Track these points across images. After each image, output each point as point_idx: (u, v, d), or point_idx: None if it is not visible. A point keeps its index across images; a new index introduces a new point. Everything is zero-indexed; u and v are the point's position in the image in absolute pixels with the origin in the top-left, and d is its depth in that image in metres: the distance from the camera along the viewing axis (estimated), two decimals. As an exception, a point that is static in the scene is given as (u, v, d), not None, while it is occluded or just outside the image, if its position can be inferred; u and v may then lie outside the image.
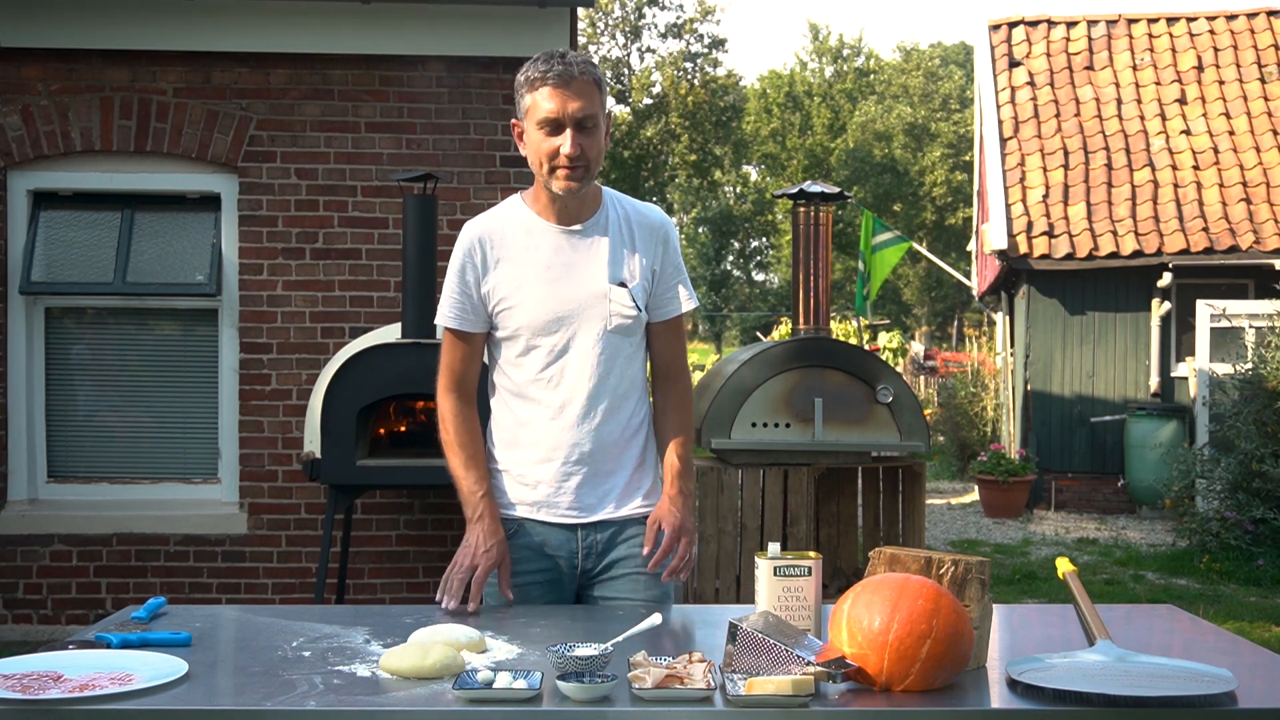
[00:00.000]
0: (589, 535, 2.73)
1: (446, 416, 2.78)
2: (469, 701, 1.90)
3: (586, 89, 2.61)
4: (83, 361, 6.37)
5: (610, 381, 2.70)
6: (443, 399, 2.79)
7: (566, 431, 2.70)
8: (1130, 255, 12.06)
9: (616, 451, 2.73)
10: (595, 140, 2.65)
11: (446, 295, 2.75)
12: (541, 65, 2.62)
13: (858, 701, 1.94)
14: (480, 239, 2.73)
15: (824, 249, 6.76)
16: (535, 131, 2.66)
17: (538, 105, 2.63)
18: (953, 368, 20.79)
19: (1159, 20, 14.41)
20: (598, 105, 2.64)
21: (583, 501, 2.72)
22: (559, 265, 2.69)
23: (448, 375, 2.79)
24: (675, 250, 2.80)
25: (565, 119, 2.61)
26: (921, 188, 38.48)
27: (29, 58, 6.11)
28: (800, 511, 6.33)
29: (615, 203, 2.78)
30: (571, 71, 2.59)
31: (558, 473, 2.71)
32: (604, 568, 2.74)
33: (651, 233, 2.76)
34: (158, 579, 6.13)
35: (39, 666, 2.04)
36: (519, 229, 2.73)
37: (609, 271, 2.70)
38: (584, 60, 2.64)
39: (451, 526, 6.19)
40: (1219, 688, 1.94)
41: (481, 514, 2.72)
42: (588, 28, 35.01)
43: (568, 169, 2.63)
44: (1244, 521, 8.70)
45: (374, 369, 5.21)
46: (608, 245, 2.72)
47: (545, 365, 2.70)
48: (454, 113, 6.22)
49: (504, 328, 2.72)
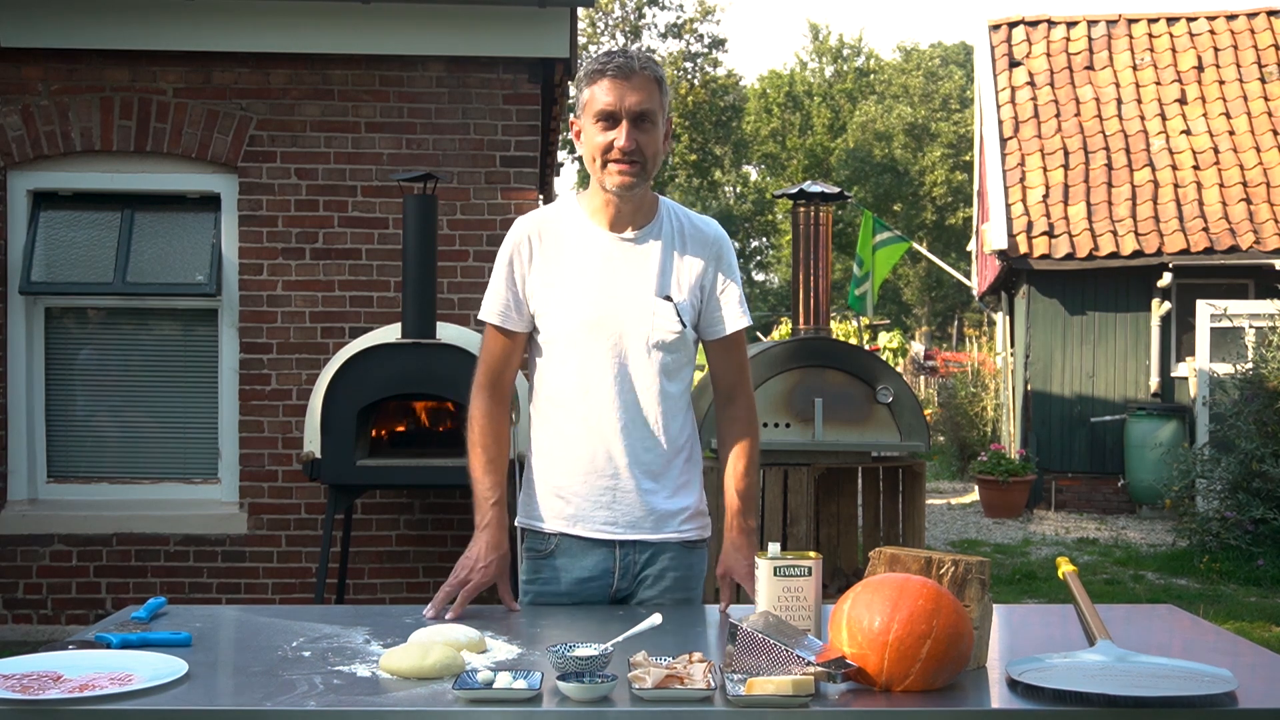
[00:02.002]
0: (627, 554, 2.66)
1: (475, 415, 2.68)
2: (469, 701, 1.89)
3: (646, 84, 2.54)
4: (83, 361, 6.37)
5: (650, 397, 2.62)
6: (475, 396, 2.69)
7: (602, 446, 2.61)
8: (1130, 255, 12.06)
9: (656, 470, 2.65)
10: (653, 138, 2.56)
11: (492, 290, 2.66)
12: (602, 58, 2.55)
13: (858, 702, 1.94)
14: (529, 235, 2.64)
15: (824, 249, 6.76)
16: (591, 125, 2.56)
17: (595, 98, 2.54)
18: (953, 368, 20.79)
19: (1159, 20, 14.41)
20: (657, 103, 2.55)
21: (618, 518, 2.64)
22: (605, 273, 2.61)
23: (484, 371, 2.69)
24: (730, 266, 2.70)
25: (622, 112, 2.52)
26: (921, 188, 38.47)
27: (29, 58, 6.11)
28: (800, 511, 6.33)
29: (671, 213, 2.69)
30: (632, 65, 2.53)
31: (593, 487, 2.63)
32: (636, 588, 2.67)
33: (705, 247, 2.67)
34: (158, 579, 6.13)
35: (39, 666, 2.03)
36: (570, 230, 2.64)
37: (657, 284, 2.61)
38: (646, 56, 2.58)
39: (451, 526, 6.19)
40: (1219, 688, 1.94)
41: (489, 523, 2.61)
42: (588, 28, 35.01)
43: (623, 164, 2.54)
44: (1244, 521, 8.70)
45: (374, 369, 5.21)
46: (659, 257, 2.62)
47: (583, 375, 2.61)
48: (454, 113, 6.22)
49: (544, 331, 2.63)
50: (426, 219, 5.42)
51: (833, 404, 6.36)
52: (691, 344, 2.68)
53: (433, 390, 5.33)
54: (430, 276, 5.40)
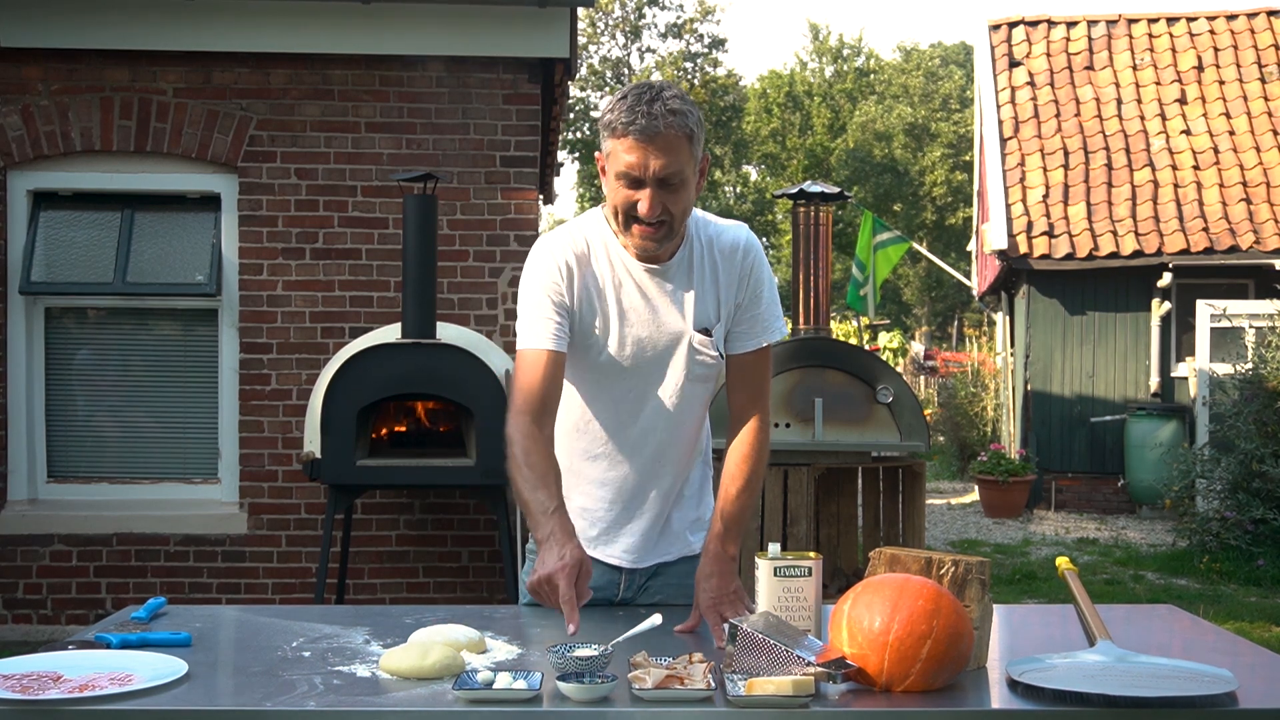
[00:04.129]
0: (633, 575, 2.64)
1: (516, 438, 2.38)
2: (469, 702, 1.89)
3: (673, 144, 2.32)
4: (82, 361, 6.37)
5: (685, 429, 2.56)
6: (516, 420, 2.40)
7: (633, 476, 2.56)
8: (1130, 255, 12.06)
9: (673, 503, 2.62)
10: (681, 197, 2.37)
11: (534, 315, 2.43)
12: (625, 114, 2.31)
13: (858, 702, 1.94)
14: (566, 260, 2.46)
15: (824, 249, 6.76)
16: (614, 180, 2.37)
17: (617, 155, 2.35)
18: (953, 368, 20.78)
19: (1159, 20, 14.41)
20: (685, 160, 2.34)
21: (637, 548, 2.61)
22: (641, 308, 2.48)
23: (528, 399, 2.41)
24: (758, 279, 2.53)
25: (647, 178, 2.33)
26: (921, 188, 38.46)
27: (29, 58, 6.11)
28: (800, 511, 6.33)
29: (699, 231, 2.52)
30: (656, 126, 2.29)
31: (619, 516, 2.58)
32: (639, 595, 2.66)
33: (732, 263, 2.51)
34: (158, 579, 6.13)
35: (39, 667, 2.03)
36: (603, 257, 2.48)
37: (694, 317, 2.49)
38: (673, 110, 2.32)
39: (451, 526, 6.20)
40: (1219, 688, 1.94)
41: (552, 530, 2.27)
42: (588, 28, 35.01)
43: (646, 228, 2.38)
44: (1244, 521, 8.69)
45: (374, 369, 5.21)
46: (693, 286, 2.48)
47: (618, 407, 2.53)
48: (454, 113, 6.22)
49: (578, 361, 2.50)
50: (426, 219, 5.42)
51: (833, 404, 6.36)
52: (722, 365, 2.60)
53: (433, 390, 5.33)
54: (430, 276, 5.40)
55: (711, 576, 2.43)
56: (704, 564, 2.46)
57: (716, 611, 2.38)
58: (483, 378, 5.13)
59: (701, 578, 2.45)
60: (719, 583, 2.42)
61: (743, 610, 2.36)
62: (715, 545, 2.47)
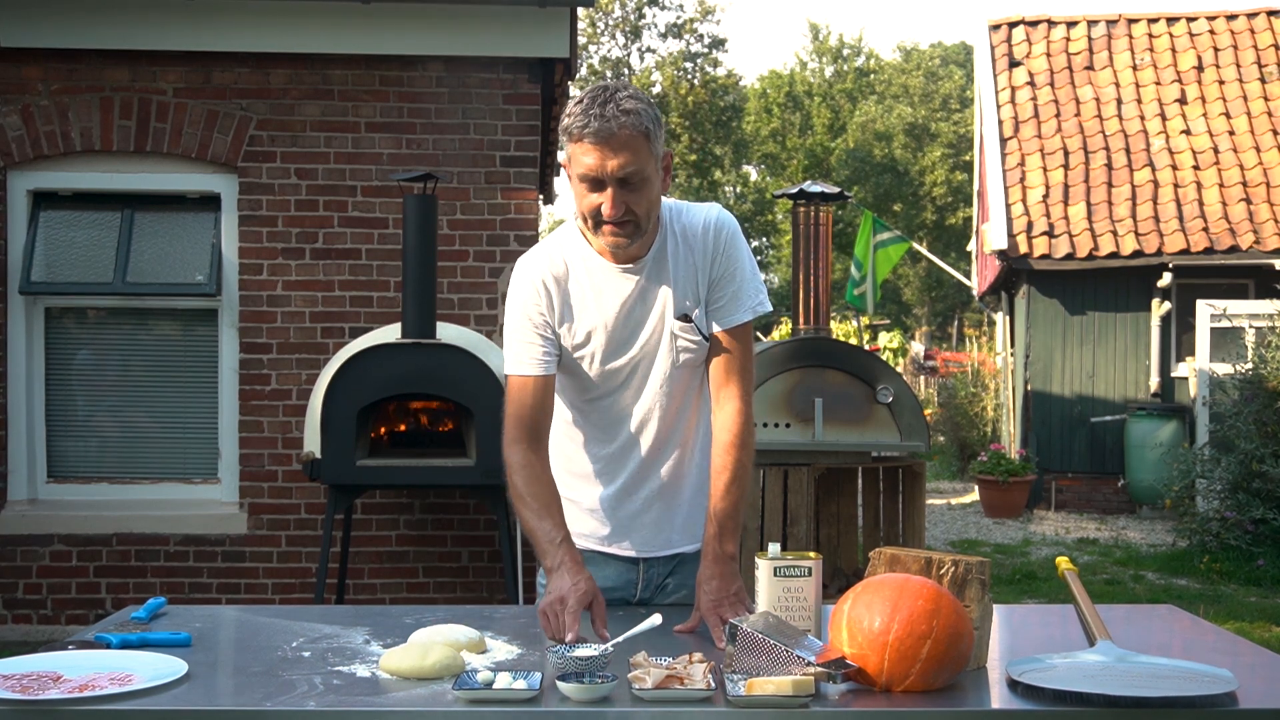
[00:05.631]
0: (651, 567, 2.64)
1: (514, 466, 2.46)
2: (469, 702, 1.89)
3: (630, 142, 2.33)
4: (82, 361, 6.37)
5: (679, 417, 2.58)
6: (511, 448, 2.48)
7: (634, 469, 2.58)
8: (1130, 255, 12.06)
9: (681, 484, 2.62)
10: (643, 195, 2.39)
11: (518, 340, 2.50)
12: (580, 117, 2.34)
13: (858, 702, 1.94)
14: (543, 280, 2.50)
15: (824, 249, 6.76)
16: (577, 184, 2.40)
17: (576, 159, 2.37)
18: (953, 368, 20.78)
19: (1159, 20, 14.41)
20: (644, 158, 2.36)
21: (648, 538, 2.62)
22: (623, 310, 2.51)
23: (519, 424, 2.48)
24: (729, 255, 2.52)
25: (606, 178, 2.35)
26: (921, 188, 38.45)
27: (29, 58, 6.11)
28: (800, 511, 6.33)
29: (673, 220, 2.53)
30: (610, 127, 2.31)
31: (624, 509, 2.60)
32: (655, 595, 2.66)
33: (704, 242, 2.52)
34: (158, 579, 6.13)
35: (39, 667, 2.03)
36: (580, 269, 2.51)
37: (674, 306, 2.51)
38: (627, 110, 2.34)
39: (451, 526, 6.20)
40: (1219, 688, 1.94)
41: (562, 560, 2.37)
42: (588, 28, 35.00)
43: (614, 227, 2.40)
44: (1244, 521, 8.70)
45: (374, 369, 5.21)
46: (669, 276, 2.51)
47: (612, 405, 2.56)
48: (454, 113, 6.22)
49: (570, 370, 2.56)
50: (426, 219, 5.42)
51: (833, 404, 6.36)
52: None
53: (433, 390, 5.33)
54: (430, 276, 5.40)
55: (712, 579, 2.43)
56: (704, 566, 2.47)
57: (717, 614, 2.38)
58: (483, 378, 5.12)
59: (702, 580, 2.45)
60: (719, 585, 2.43)
61: (743, 612, 2.36)
62: (713, 546, 2.47)
